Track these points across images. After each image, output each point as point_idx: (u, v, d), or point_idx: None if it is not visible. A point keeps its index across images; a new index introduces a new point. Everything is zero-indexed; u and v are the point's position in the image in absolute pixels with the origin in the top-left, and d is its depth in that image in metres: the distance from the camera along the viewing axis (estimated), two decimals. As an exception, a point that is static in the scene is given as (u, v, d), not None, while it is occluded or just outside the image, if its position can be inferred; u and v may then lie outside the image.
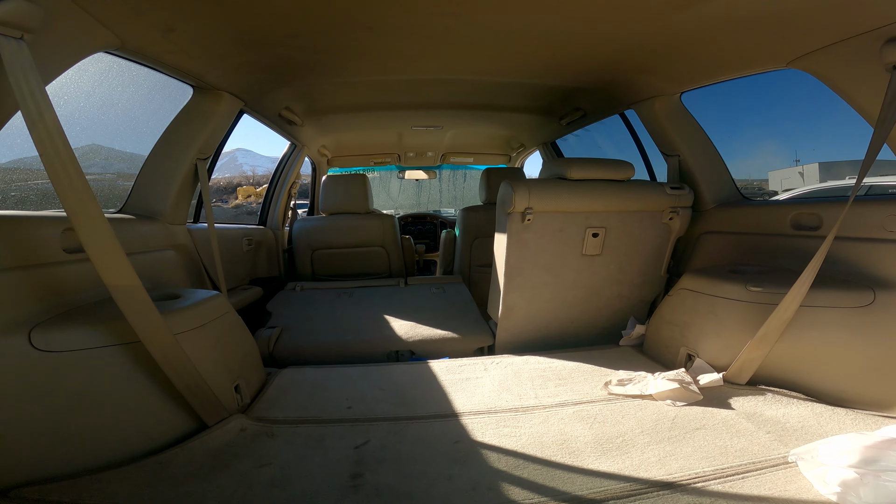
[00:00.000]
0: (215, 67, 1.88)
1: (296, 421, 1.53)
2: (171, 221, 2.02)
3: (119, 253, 1.24)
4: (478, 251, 3.43)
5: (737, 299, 1.71)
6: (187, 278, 2.05)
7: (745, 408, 1.51)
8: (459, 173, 5.76)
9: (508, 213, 2.04)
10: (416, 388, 1.78)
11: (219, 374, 1.52)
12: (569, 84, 2.51)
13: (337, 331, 2.36)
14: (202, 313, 1.55)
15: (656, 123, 2.33)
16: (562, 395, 1.68)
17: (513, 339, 2.28)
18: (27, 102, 1.11)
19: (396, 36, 1.83)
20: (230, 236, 2.69)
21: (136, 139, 2.26)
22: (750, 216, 2.10)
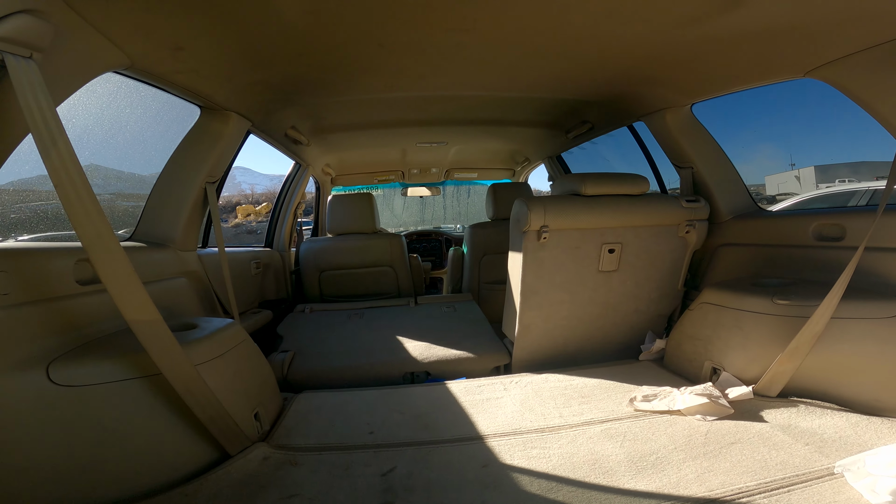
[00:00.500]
0: (224, 87, 1.89)
1: (318, 448, 1.51)
2: (181, 248, 2.02)
3: (138, 287, 1.23)
4: (487, 268, 3.43)
5: (763, 313, 1.71)
6: (200, 306, 2.05)
7: (779, 420, 1.50)
8: (463, 189, 5.79)
9: (524, 232, 2.04)
10: (436, 410, 1.76)
11: (239, 402, 1.51)
12: (577, 97, 2.54)
13: (350, 353, 2.35)
14: (220, 343, 1.54)
15: (668, 135, 2.35)
16: (587, 413, 1.67)
17: (530, 357, 2.27)
18: (40, 128, 1.08)
19: (407, 53, 1.85)
20: (239, 260, 2.69)
21: (139, 160, 2.27)
22: (769, 227, 2.11)
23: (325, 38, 1.67)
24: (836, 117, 2.84)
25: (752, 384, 1.67)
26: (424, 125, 3.16)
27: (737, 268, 2.19)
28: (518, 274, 2.11)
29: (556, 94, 2.49)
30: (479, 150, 4.13)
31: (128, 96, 2.03)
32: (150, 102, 2.06)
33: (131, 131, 2.14)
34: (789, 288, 1.78)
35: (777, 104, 2.36)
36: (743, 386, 1.66)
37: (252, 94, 2.07)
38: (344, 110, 2.70)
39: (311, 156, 3.46)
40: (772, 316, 1.68)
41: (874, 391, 1.50)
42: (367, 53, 1.83)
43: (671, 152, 2.42)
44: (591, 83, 2.27)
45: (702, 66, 1.92)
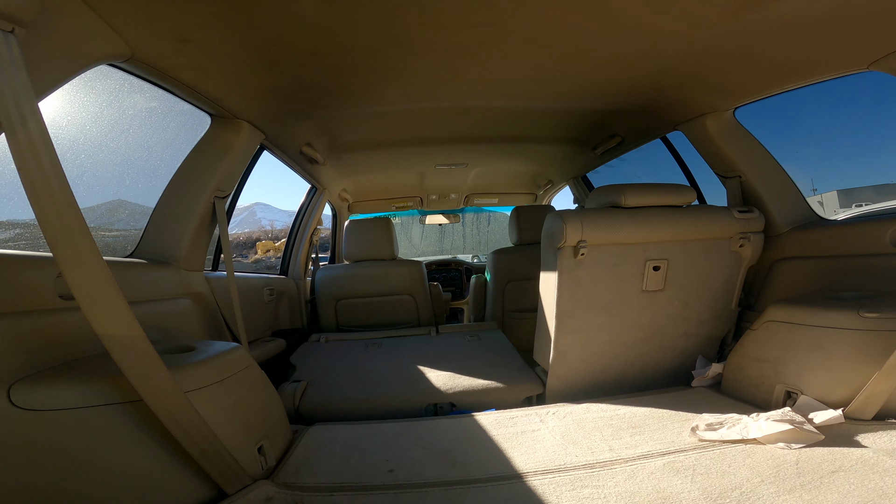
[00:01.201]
0: (234, 91, 1.81)
1: (329, 488, 1.33)
2: (186, 267, 1.90)
3: (115, 296, 1.05)
4: (511, 296, 3.28)
5: (848, 328, 1.52)
6: (205, 329, 1.91)
7: (881, 444, 1.29)
8: (483, 217, 5.69)
9: (558, 249, 1.88)
10: (464, 445, 1.57)
11: (239, 435, 1.35)
12: (606, 107, 2.42)
13: (367, 383, 2.19)
14: (219, 368, 1.39)
15: (710, 143, 2.20)
16: (641, 445, 1.46)
17: (566, 386, 2.07)
18: (7, 103, 0.93)
19: (427, 53, 1.75)
20: (251, 286, 2.58)
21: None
22: (836, 237, 1.91)
23: (340, 34, 1.58)
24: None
25: (839, 407, 1.46)
26: (443, 144, 3.07)
27: (800, 283, 1.99)
28: (552, 295, 1.94)
29: (583, 103, 2.38)
30: (500, 173, 4.04)
31: (153, 124, 1.98)
32: (173, 126, 2.01)
33: (161, 168, 2.07)
34: (874, 300, 1.58)
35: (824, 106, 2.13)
36: (830, 410, 1.44)
37: (264, 102, 2.00)
38: (360, 125, 2.62)
39: (327, 178, 3.39)
40: (859, 331, 1.49)
41: None
42: (385, 54, 1.74)
43: (715, 162, 2.26)
44: (623, 88, 2.15)
45: (748, 63, 1.77)
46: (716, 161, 2.24)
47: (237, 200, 2.44)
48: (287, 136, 2.45)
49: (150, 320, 1.62)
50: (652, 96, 2.20)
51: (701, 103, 2.12)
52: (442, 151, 3.28)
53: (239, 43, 1.56)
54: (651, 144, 2.77)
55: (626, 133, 2.72)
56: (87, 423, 1.09)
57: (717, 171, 2.27)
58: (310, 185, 3.40)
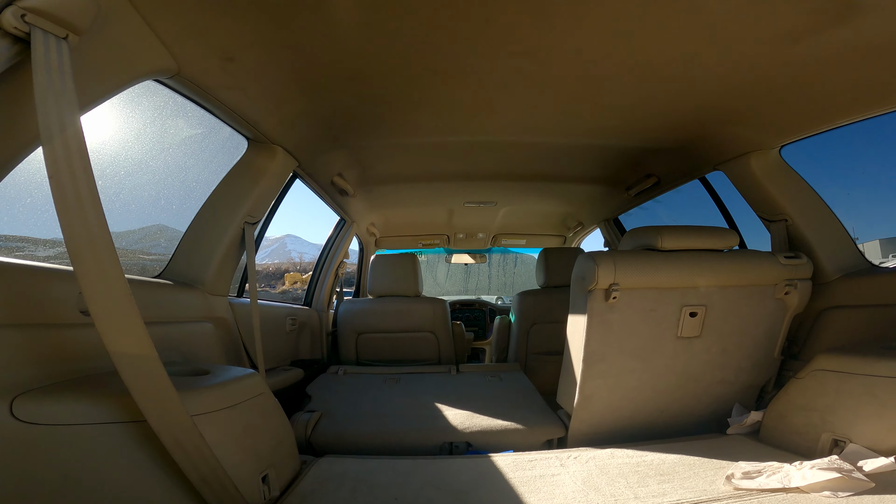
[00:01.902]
0: (271, 114, 1.86)
1: None
2: (211, 291, 1.93)
3: (131, 314, 1.04)
4: (536, 338, 3.20)
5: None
6: (224, 354, 1.92)
7: None
8: (510, 258, 5.65)
9: (589, 291, 1.82)
10: (479, 487, 1.49)
11: (245, 462, 1.32)
12: (643, 144, 2.38)
13: (382, 418, 2.14)
14: (232, 393, 1.37)
15: (754, 184, 2.11)
16: (670, 493, 1.36)
17: (590, 430, 1.97)
18: (48, 109, 0.91)
19: (463, 81, 1.76)
20: (274, 314, 2.60)
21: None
22: (889, 285, 1.79)
23: (379, 59, 1.61)
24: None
25: (892, 455, 1.32)
26: (473, 180, 3.09)
27: (850, 333, 1.86)
28: (580, 339, 1.87)
29: (619, 140, 2.34)
30: (529, 213, 4.03)
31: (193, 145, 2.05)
32: (211, 148, 2.09)
33: (197, 190, 2.13)
34: None
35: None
36: (881, 457, 1.32)
37: (300, 128, 2.05)
38: (392, 157, 2.68)
39: (355, 211, 3.46)
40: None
41: None
42: (421, 82, 1.76)
43: (759, 204, 2.15)
44: (662, 124, 2.10)
45: (795, 98, 1.70)
46: (760, 203, 2.14)
47: (267, 228, 2.50)
48: (320, 165, 2.51)
49: (170, 341, 1.63)
50: (692, 134, 2.15)
51: (744, 141, 2.04)
52: (471, 188, 3.30)
53: (280, 64, 1.60)
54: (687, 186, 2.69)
55: (663, 173, 2.66)
56: (87, 439, 1.07)
57: (760, 214, 2.17)
58: (339, 218, 3.47)
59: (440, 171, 2.92)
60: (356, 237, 4.18)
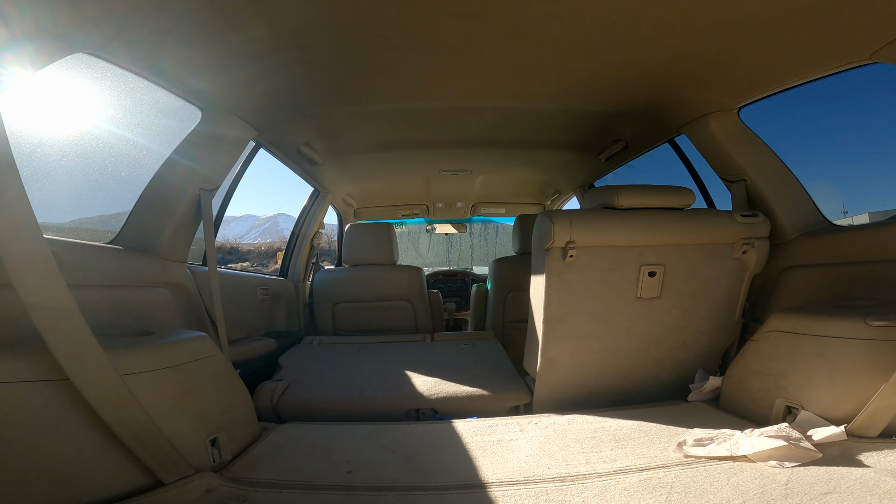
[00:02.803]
0: (222, 86, 1.78)
1: (280, 485, 1.25)
2: (166, 257, 1.85)
3: (48, 264, 0.99)
4: (512, 306, 3.16)
5: (855, 338, 1.36)
6: (183, 321, 1.86)
7: (884, 464, 1.13)
8: (491, 227, 5.57)
9: (547, 250, 1.77)
10: (435, 451, 1.47)
11: (188, 424, 1.29)
12: (608, 109, 2.31)
13: (351, 386, 2.10)
14: (173, 354, 1.33)
15: (714, 145, 2.06)
16: (621, 459, 1.33)
17: (554, 396, 1.93)
18: None
19: (413, 47, 1.68)
20: (244, 283, 2.54)
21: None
22: (849, 244, 1.75)
23: (320, 26, 1.52)
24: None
25: (842, 424, 1.29)
26: (446, 147, 2.99)
27: (810, 293, 1.82)
28: (541, 299, 1.82)
29: (585, 105, 2.27)
30: (506, 182, 3.94)
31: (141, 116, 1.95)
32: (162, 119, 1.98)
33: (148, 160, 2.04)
34: (883, 308, 1.42)
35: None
36: (832, 426, 1.28)
37: (255, 98, 1.96)
38: (358, 126, 2.57)
39: (329, 181, 3.35)
40: (867, 341, 1.33)
41: None
42: (369, 48, 1.67)
43: (719, 164, 2.11)
44: (623, 87, 2.03)
45: (748, 57, 1.65)
46: (720, 164, 2.10)
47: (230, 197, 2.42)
48: (283, 135, 2.41)
49: (121, 306, 1.58)
50: (654, 96, 2.08)
51: (704, 103, 1.99)
52: (445, 156, 3.20)
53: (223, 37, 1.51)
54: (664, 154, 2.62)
55: (630, 137, 2.60)
56: (12, 399, 1.02)
57: (721, 175, 2.13)
58: (312, 188, 3.36)
59: (411, 139, 2.81)
60: (334, 209, 4.08)
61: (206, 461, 1.30)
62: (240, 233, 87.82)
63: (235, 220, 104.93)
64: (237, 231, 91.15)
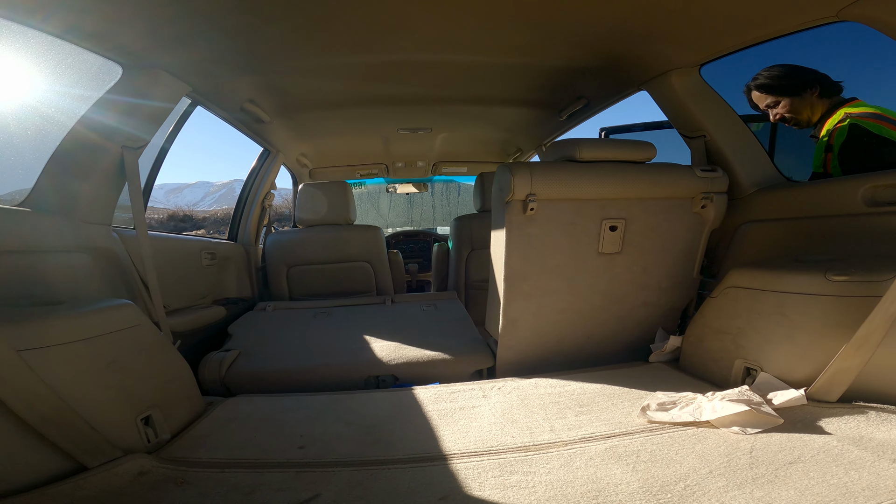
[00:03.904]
0: (147, 38, 1.53)
1: (224, 464, 1.15)
2: (86, 220, 1.63)
3: None
4: (474, 265, 3.07)
5: (815, 294, 1.33)
6: (110, 289, 1.67)
7: (847, 431, 1.11)
8: (453, 186, 5.42)
9: (507, 203, 1.68)
10: (394, 421, 1.39)
11: (108, 402, 1.17)
12: (569, 64, 2.17)
13: (306, 354, 1.98)
14: (87, 325, 1.18)
15: (675, 101, 1.99)
16: (586, 426, 1.28)
17: (517, 358, 1.88)
18: None
19: None
20: (186, 248, 2.33)
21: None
22: (805, 198, 1.72)
23: None
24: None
25: (802, 386, 1.28)
26: (404, 104, 2.78)
27: (766, 248, 1.81)
28: (501, 255, 1.73)
29: (545, 59, 2.12)
30: (468, 140, 3.77)
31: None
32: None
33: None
34: (843, 263, 1.39)
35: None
36: (791, 389, 1.27)
37: (186, 52, 1.71)
38: (308, 81, 2.32)
39: (280, 140, 3.09)
40: (826, 297, 1.30)
41: None
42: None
43: (679, 121, 2.05)
44: (583, 41, 1.91)
45: (715, 13, 1.55)
46: (680, 120, 2.04)
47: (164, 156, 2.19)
48: (224, 91, 2.16)
49: (31, 274, 1.39)
50: (616, 51, 1.97)
51: (665, 59, 1.90)
52: (404, 114, 2.99)
53: None
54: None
55: (592, 94, 2.48)
56: None
57: (681, 132, 2.08)
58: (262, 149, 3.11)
59: (367, 95, 2.59)
60: (287, 169, 3.82)
61: (138, 442, 1.19)
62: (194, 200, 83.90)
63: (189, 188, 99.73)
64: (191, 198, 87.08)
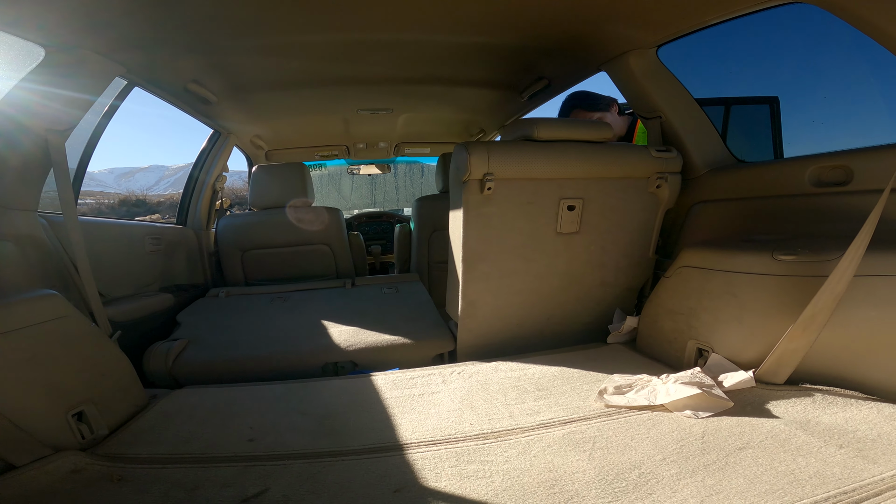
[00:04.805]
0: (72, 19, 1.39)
1: (166, 459, 1.08)
2: (8, 205, 1.49)
3: None
4: (436, 246, 3.00)
5: (763, 273, 1.33)
6: (38, 280, 1.53)
7: (794, 415, 1.12)
8: (417, 167, 5.30)
9: (464, 182, 1.63)
10: (350, 410, 1.33)
11: (32, 397, 1.10)
12: (530, 44, 2.11)
13: (261, 341, 1.89)
14: (5, 317, 1.10)
15: (633, 82, 1.97)
16: (545, 411, 1.26)
17: (478, 341, 1.85)
18: None
19: None
20: (127, 234, 2.17)
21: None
22: (754, 178, 1.74)
23: None
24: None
25: (752, 367, 1.28)
26: (364, 85, 2.65)
27: (717, 227, 1.83)
28: (459, 236, 1.69)
29: (505, 38, 2.05)
30: (430, 121, 3.67)
31: None
32: None
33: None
34: (790, 242, 1.40)
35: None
36: (741, 371, 1.28)
37: (115, 31, 1.56)
38: (258, 60, 2.16)
39: (231, 122, 2.90)
40: (774, 277, 1.31)
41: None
42: None
43: (637, 102, 2.04)
44: (543, 21, 1.86)
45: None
46: (638, 101, 2.03)
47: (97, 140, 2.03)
48: (162, 72, 2.01)
49: None
50: (576, 32, 1.93)
51: (624, 40, 1.87)
52: (363, 94, 2.86)
53: None
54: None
55: (552, 75, 2.44)
56: None
57: (638, 112, 2.07)
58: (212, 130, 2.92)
59: (323, 75, 2.46)
60: (242, 152, 3.63)
61: (70, 438, 1.11)
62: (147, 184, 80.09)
63: (141, 172, 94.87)
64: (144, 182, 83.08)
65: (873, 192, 1.19)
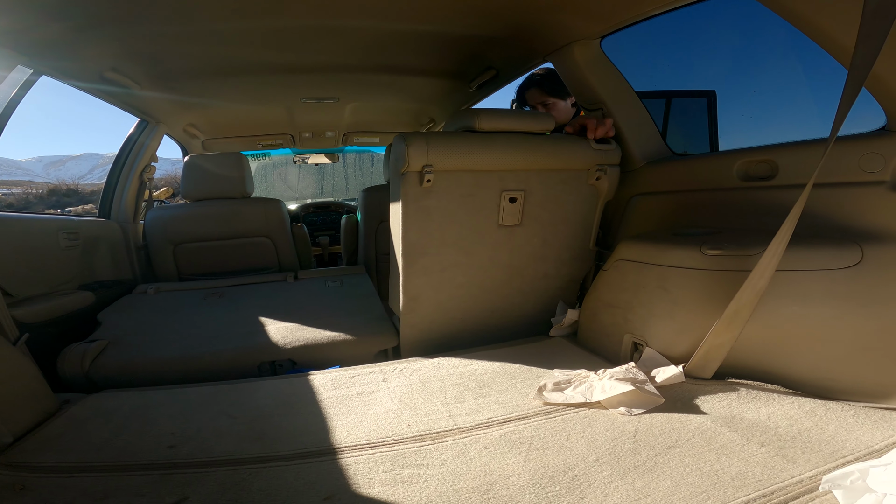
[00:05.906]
0: None
1: (74, 468, 0.99)
2: None
3: None
4: (384, 238, 2.91)
5: (691, 267, 1.35)
6: None
7: (719, 411, 1.13)
8: (367, 156, 5.14)
9: (403, 174, 1.56)
10: (283, 412, 1.25)
11: None
12: (477, 33, 2.07)
13: (190, 340, 1.76)
14: None
15: (577, 73, 1.96)
16: (484, 409, 1.22)
17: (421, 336, 1.80)
18: None
19: None
20: (37, 229, 1.96)
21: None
22: (688, 171, 1.77)
23: None
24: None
25: (682, 362, 1.30)
26: (306, 73, 2.53)
27: (654, 220, 1.85)
28: (399, 229, 1.63)
29: (452, 26, 2.00)
30: (379, 110, 3.56)
31: None
32: None
33: None
34: (717, 236, 1.43)
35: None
36: (671, 366, 1.29)
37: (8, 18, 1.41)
38: (185, 46, 1.99)
39: (160, 111, 2.69)
40: (702, 271, 1.32)
41: (828, 368, 1.18)
42: None
43: (580, 93, 2.04)
44: (489, 9, 1.83)
45: None
46: (581, 92, 2.02)
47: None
48: (74, 60, 1.83)
49: None
50: (522, 20, 1.91)
51: (569, 30, 1.86)
52: (307, 82, 2.73)
53: None
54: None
55: (500, 65, 2.41)
56: None
57: (581, 104, 2.06)
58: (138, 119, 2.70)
59: (261, 63, 2.32)
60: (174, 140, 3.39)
61: None
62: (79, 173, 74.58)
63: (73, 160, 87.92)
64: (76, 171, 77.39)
65: (796, 187, 1.21)
